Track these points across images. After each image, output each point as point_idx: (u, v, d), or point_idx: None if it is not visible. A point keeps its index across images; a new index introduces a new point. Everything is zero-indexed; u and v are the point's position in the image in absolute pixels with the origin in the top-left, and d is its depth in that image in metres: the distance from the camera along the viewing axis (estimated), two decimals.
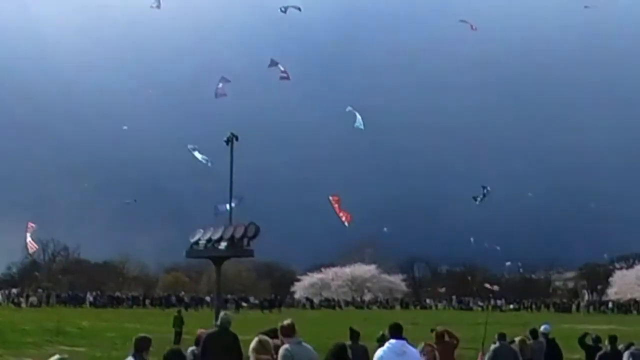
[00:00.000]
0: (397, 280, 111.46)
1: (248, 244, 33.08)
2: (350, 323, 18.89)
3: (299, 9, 36.31)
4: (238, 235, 32.33)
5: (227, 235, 33.05)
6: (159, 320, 47.25)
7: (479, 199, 34.82)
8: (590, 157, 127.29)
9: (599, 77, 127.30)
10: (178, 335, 35.21)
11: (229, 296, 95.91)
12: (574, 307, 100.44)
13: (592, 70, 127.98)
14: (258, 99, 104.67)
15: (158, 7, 38.25)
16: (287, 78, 36.03)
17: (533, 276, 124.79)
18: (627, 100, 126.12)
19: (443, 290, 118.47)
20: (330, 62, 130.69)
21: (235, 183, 33.85)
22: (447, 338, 16.15)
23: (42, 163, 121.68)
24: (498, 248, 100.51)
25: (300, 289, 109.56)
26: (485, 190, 35.02)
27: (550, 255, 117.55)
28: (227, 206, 35.09)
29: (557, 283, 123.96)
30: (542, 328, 20.41)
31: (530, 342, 19.14)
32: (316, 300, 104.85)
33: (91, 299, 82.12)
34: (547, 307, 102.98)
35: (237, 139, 34.50)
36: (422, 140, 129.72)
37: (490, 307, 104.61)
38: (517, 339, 19.18)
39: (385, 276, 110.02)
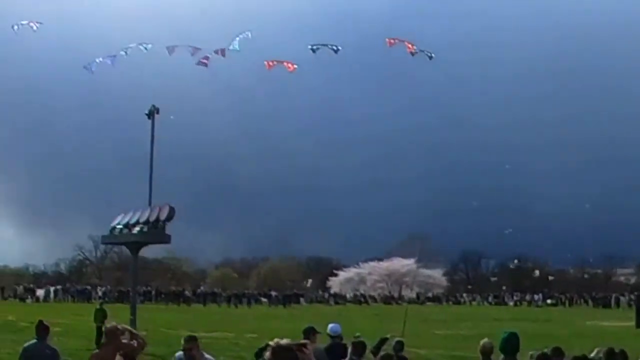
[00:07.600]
0: (436, 275, 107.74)
1: (163, 228, 31.79)
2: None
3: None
4: (152, 218, 30.33)
5: (143, 218, 31.80)
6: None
7: None
8: None
9: None
10: (100, 330, 32.07)
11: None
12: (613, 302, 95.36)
13: None
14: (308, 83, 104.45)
15: None
16: (205, 65, 34.51)
17: (598, 271, 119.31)
18: None
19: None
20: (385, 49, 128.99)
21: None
22: (126, 338, 12.05)
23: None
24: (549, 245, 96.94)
25: (336, 284, 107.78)
26: None
27: (611, 251, 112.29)
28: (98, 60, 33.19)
29: (621, 278, 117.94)
30: (328, 329, 16.48)
31: None
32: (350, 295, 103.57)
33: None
34: (587, 302, 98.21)
35: (158, 112, 32.86)
36: (479, 135, 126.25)
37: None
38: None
39: (423, 271, 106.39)
